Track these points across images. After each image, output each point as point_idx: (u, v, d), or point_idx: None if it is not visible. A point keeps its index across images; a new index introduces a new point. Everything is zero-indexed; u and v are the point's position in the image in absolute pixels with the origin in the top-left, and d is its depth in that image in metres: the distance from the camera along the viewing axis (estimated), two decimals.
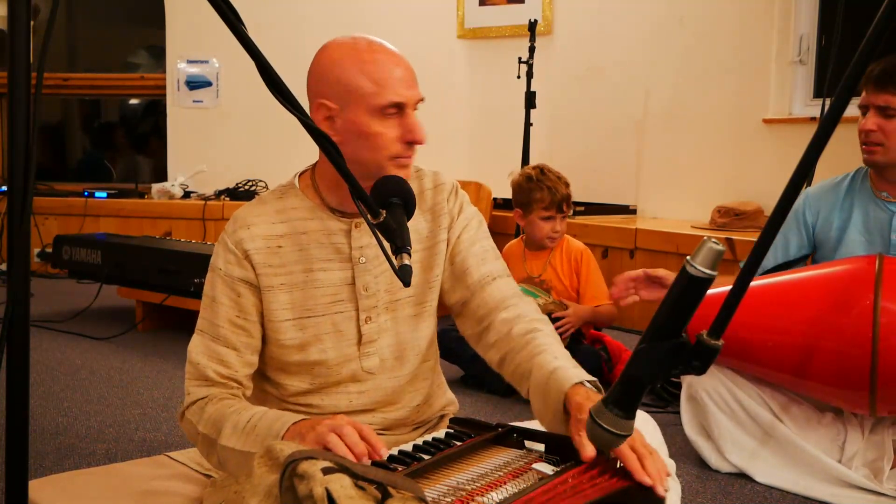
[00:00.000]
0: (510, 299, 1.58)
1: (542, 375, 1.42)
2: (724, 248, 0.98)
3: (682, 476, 2.30)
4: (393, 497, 1.05)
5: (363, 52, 1.44)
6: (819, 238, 2.41)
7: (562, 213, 3.21)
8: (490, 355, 1.58)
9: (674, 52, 4.82)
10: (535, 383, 1.43)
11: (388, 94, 1.42)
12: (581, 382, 1.36)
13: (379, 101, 1.42)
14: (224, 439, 1.41)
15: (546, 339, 1.51)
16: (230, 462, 1.42)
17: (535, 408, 1.44)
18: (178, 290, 3.80)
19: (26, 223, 1.20)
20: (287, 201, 1.54)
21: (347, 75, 1.43)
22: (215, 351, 1.51)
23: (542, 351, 1.47)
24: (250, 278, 1.50)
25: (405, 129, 1.45)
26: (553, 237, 3.22)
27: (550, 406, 1.37)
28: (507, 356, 1.54)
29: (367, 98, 1.42)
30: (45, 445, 2.53)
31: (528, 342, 1.50)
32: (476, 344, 1.62)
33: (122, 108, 6.65)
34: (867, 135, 2.23)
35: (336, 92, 1.44)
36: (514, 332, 1.53)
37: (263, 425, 1.38)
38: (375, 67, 1.43)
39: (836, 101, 0.93)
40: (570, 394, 1.33)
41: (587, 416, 1.17)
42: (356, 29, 1.56)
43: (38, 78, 1.20)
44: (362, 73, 1.43)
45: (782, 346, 2.14)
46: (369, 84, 1.42)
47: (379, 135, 1.44)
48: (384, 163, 1.45)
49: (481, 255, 1.62)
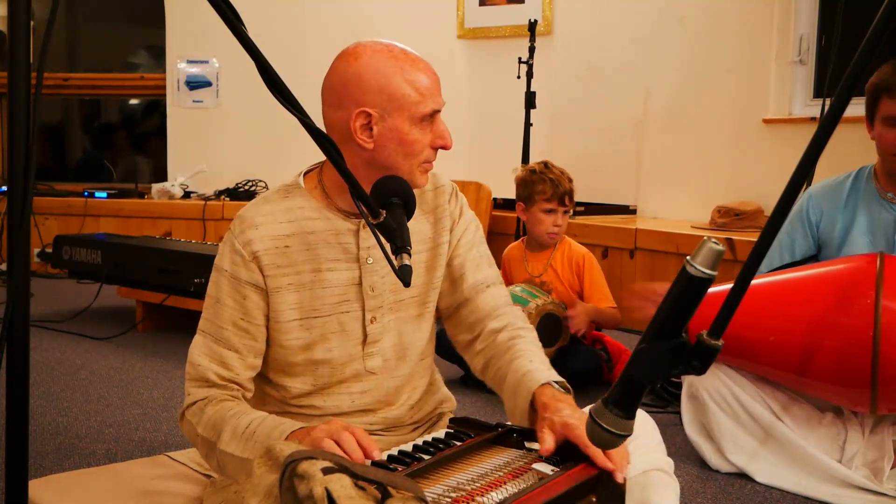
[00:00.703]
0: (501, 308, 1.63)
1: (516, 378, 1.49)
2: (724, 248, 0.98)
3: (682, 476, 2.30)
4: (393, 497, 1.05)
5: (403, 61, 1.47)
6: (823, 238, 2.41)
7: (564, 207, 3.21)
8: (475, 362, 1.64)
9: (674, 52, 4.82)
10: (509, 384, 1.50)
11: (429, 103, 1.47)
12: (549, 383, 1.43)
13: (422, 110, 1.46)
14: (223, 444, 1.42)
15: (526, 346, 1.56)
16: (229, 466, 1.43)
17: (507, 406, 1.52)
18: (178, 290, 3.80)
19: (26, 223, 1.20)
20: (293, 201, 1.54)
21: (393, 85, 1.45)
22: (217, 353, 1.50)
23: (520, 356, 1.53)
24: (258, 281, 1.50)
25: (436, 135, 1.50)
26: (553, 232, 3.21)
27: (519, 404, 1.45)
28: (489, 362, 1.59)
29: (410, 107, 1.46)
30: (45, 445, 2.53)
31: (510, 348, 1.56)
32: (464, 350, 1.68)
33: (122, 108, 6.65)
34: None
35: (379, 100, 1.45)
36: (498, 340, 1.59)
37: (262, 432, 1.38)
38: (417, 76, 1.47)
39: (836, 101, 0.93)
40: (538, 393, 1.42)
41: (550, 415, 1.32)
42: (356, 29, 1.57)
43: (38, 78, 1.20)
44: (406, 83, 1.45)
45: (783, 344, 2.15)
46: (413, 93, 1.46)
47: (417, 141, 1.48)
48: (415, 168, 1.49)
49: (477, 261, 1.65)
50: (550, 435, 1.32)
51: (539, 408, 1.39)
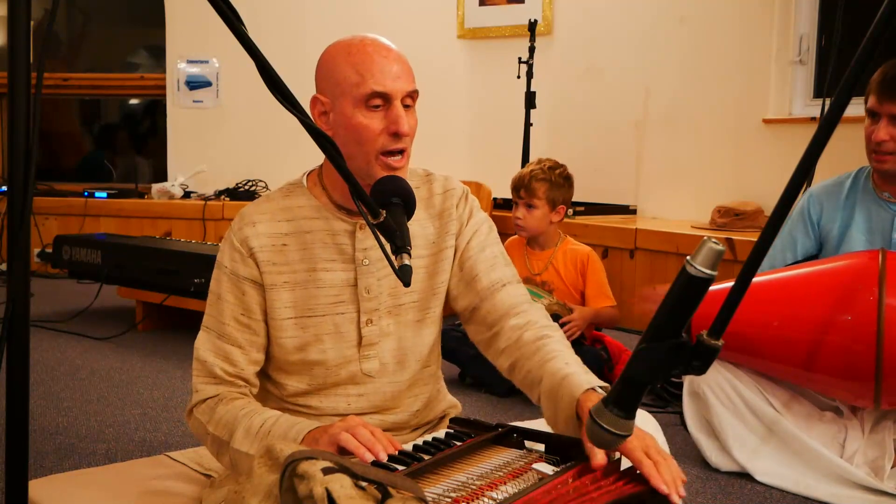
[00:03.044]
0: (520, 305, 1.57)
1: (553, 382, 1.40)
2: (724, 248, 0.98)
3: None
4: (393, 497, 1.05)
5: (354, 46, 1.45)
6: (822, 236, 2.42)
7: (522, 200, 3.20)
8: (500, 362, 1.57)
9: (674, 52, 4.82)
10: (546, 389, 1.42)
11: (370, 84, 1.42)
12: (593, 388, 1.34)
13: (362, 91, 1.42)
14: (237, 443, 1.42)
15: (557, 346, 1.49)
16: (242, 465, 1.43)
17: (547, 414, 1.43)
18: (178, 290, 3.80)
19: (26, 223, 1.20)
20: (293, 199, 1.55)
21: (337, 69, 1.45)
22: (221, 349, 1.51)
23: (553, 357, 1.45)
24: (255, 276, 1.51)
25: (389, 120, 1.44)
26: (516, 223, 3.22)
27: (562, 412, 1.36)
28: (517, 363, 1.52)
29: (351, 89, 1.43)
30: (45, 445, 2.53)
31: (539, 349, 1.49)
32: (486, 350, 1.61)
33: (122, 108, 6.65)
34: (879, 144, 2.22)
35: (328, 86, 1.46)
36: (524, 339, 1.52)
37: (278, 432, 1.39)
38: (361, 59, 1.43)
39: (836, 101, 0.93)
40: (582, 400, 1.32)
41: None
42: (356, 29, 1.56)
43: (38, 78, 1.20)
44: (348, 65, 1.44)
45: (788, 340, 2.16)
46: (354, 74, 1.43)
47: (364, 127, 1.43)
48: (371, 159, 1.45)
49: (491, 262, 1.60)
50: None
51: (584, 415, 1.28)
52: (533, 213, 3.19)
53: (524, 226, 3.20)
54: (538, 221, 3.20)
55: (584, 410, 1.30)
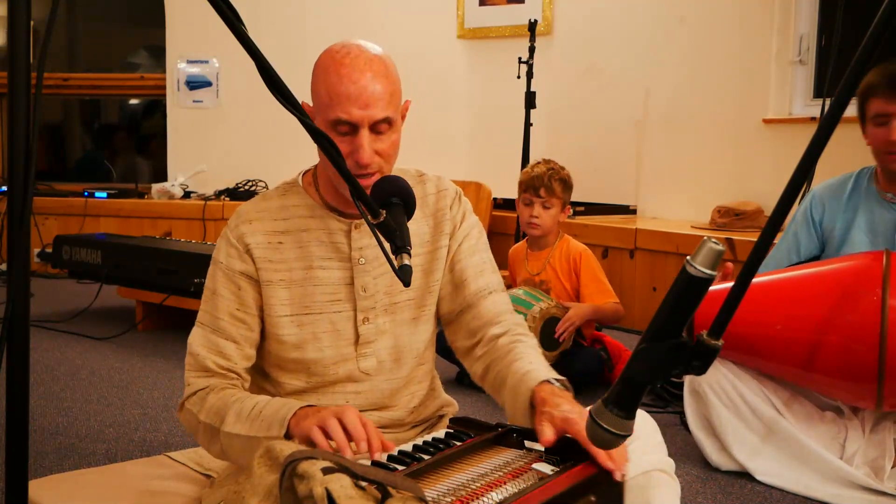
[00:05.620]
0: (502, 315, 1.62)
1: (515, 378, 1.47)
2: (724, 248, 0.98)
3: (683, 476, 2.30)
4: (393, 497, 1.05)
5: (334, 61, 1.43)
6: (824, 237, 2.42)
7: (540, 199, 3.20)
8: (475, 368, 1.62)
9: (674, 52, 4.82)
10: (509, 386, 1.48)
11: (336, 110, 1.42)
12: (548, 380, 1.42)
13: (330, 116, 1.43)
14: (228, 426, 1.42)
15: (526, 350, 1.54)
16: (234, 448, 1.43)
17: (508, 410, 1.50)
18: (178, 290, 3.80)
19: (26, 223, 1.20)
20: (289, 199, 1.56)
21: (317, 83, 1.46)
22: (215, 343, 1.52)
23: (520, 358, 1.51)
24: (251, 272, 1.52)
25: (353, 147, 1.42)
26: (531, 223, 3.22)
27: (519, 403, 1.43)
28: (489, 366, 1.57)
29: (324, 109, 1.44)
30: (45, 445, 2.53)
31: (509, 351, 1.54)
32: (463, 356, 1.66)
33: (122, 108, 6.66)
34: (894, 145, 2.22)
35: (313, 96, 1.48)
36: (498, 344, 1.57)
37: (269, 411, 1.39)
38: (336, 80, 1.42)
39: (836, 101, 0.93)
40: (537, 390, 1.41)
41: (549, 409, 1.30)
42: (356, 29, 1.57)
43: (38, 78, 1.20)
44: (323, 83, 1.44)
45: (790, 340, 2.16)
46: (325, 95, 1.43)
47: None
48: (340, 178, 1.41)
49: (479, 267, 1.63)
50: (550, 427, 1.31)
51: (538, 403, 1.38)
52: (549, 213, 3.23)
53: (540, 224, 3.22)
54: (552, 220, 3.24)
55: (536, 399, 1.39)
